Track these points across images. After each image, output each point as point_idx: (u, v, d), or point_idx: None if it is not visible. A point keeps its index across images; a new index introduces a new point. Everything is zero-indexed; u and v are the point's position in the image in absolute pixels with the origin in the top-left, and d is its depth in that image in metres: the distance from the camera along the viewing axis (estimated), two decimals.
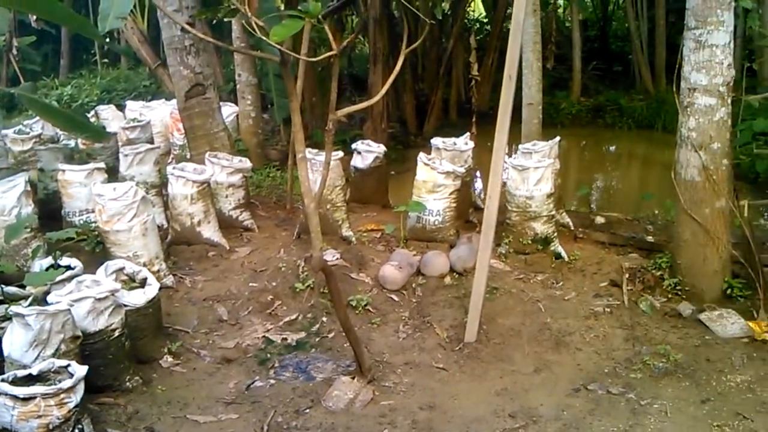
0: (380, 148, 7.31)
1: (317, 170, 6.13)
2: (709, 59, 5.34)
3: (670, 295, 5.81)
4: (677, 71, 5.66)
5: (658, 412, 4.41)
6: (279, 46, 4.85)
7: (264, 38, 4.63)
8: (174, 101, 8.38)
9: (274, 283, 5.85)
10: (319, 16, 4.87)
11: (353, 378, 4.71)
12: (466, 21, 15.37)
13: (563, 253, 6.31)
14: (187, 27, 6.31)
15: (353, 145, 7.42)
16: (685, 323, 5.48)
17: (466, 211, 7.14)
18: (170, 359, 5.03)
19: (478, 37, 16.02)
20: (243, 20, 4.90)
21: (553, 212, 6.36)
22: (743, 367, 4.91)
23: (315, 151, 6.49)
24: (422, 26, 5.73)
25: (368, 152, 7.25)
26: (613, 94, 15.04)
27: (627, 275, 5.95)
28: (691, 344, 5.19)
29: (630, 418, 4.35)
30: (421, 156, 6.44)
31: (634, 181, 11.50)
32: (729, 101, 5.50)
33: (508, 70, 4.98)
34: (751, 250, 5.71)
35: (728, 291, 5.74)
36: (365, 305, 5.57)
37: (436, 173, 6.28)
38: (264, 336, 5.33)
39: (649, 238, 6.77)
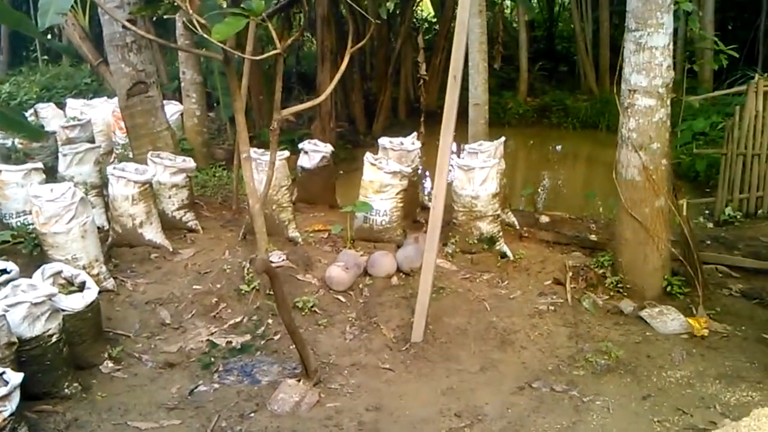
0: (327, 148, 7.27)
1: (263, 170, 6.06)
2: (649, 61, 5.45)
3: (612, 293, 5.93)
4: (618, 73, 5.76)
5: (600, 409, 4.47)
6: (222, 45, 4.77)
7: (206, 36, 4.55)
8: (116, 99, 8.19)
9: (218, 286, 5.76)
10: (264, 15, 4.81)
11: (299, 381, 4.65)
12: (414, 20, 15.44)
13: (509, 253, 6.38)
14: (127, 24, 6.17)
15: (300, 145, 7.36)
16: (627, 320, 5.59)
17: (414, 210, 7.15)
18: (111, 365, 4.90)
19: (426, 37, 16.13)
20: (184, 18, 4.80)
21: (499, 212, 6.42)
22: (683, 362, 5.03)
23: (260, 150, 6.41)
24: (369, 25, 5.72)
25: (315, 152, 7.20)
26: (558, 94, 15.33)
27: (570, 273, 6.04)
28: (632, 341, 5.29)
29: (573, 415, 4.40)
30: (368, 156, 6.42)
31: (578, 181, 11.72)
32: (668, 102, 5.62)
33: (453, 72, 5.00)
34: (690, 248, 5.86)
35: (668, 288, 5.88)
36: (312, 307, 5.53)
37: (382, 173, 6.27)
38: (208, 339, 5.24)
39: (593, 237, 6.90)
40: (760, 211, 8.32)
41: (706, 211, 8.73)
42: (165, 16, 4.96)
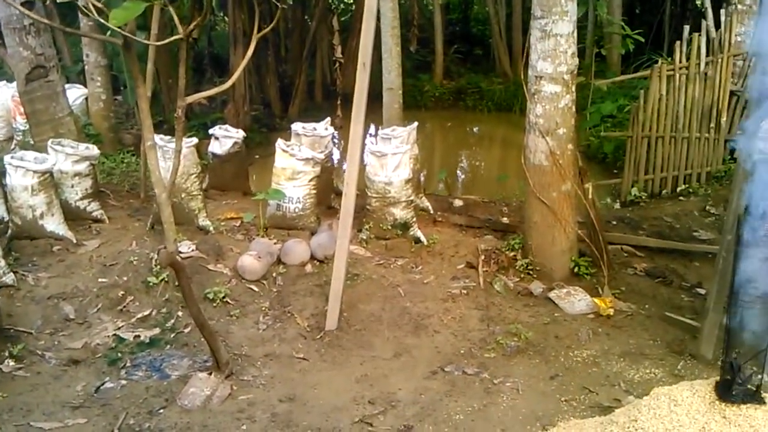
0: (239, 134, 7.11)
1: (170, 158, 5.88)
2: (554, 48, 5.55)
3: (522, 275, 6.06)
4: (525, 59, 5.85)
5: (510, 390, 4.58)
6: (121, 30, 4.58)
7: (103, 22, 4.35)
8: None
9: (125, 278, 5.57)
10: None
11: (210, 374, 4.58)
12: (329, 1, 15.26)
13: (422, 238, 6.42)
14: (21, 8, 5.84)
15: (211, 131, 7.17)
16: (537, 302, 5.74)
17: (328, 197, 7.11)
18: (12, 363, 4.69)
19: (342, 18, 15.98)
20: (81, 2, 4.57)
21: (412, 197, 6.45)
22: (589, 342, 5.20)
23: (167, 137, 6.21)
24: (283, 4, 5.59)
25: (227, 137, 7.03)
26: (474, 77, 15.48)
27: (482, 257, 6.14)
28: (541, 322, 5.43)
29: (484, 398, 4.49)
30: (279, 142, 6.32)
31: (493, 163, 11.91)
32: (573, 89, 5.75)
33: (362, 58, 4.96)
34: (595, 230, 6.04)
35: (575, 269, 6.06)
36: (223, 297, 5.43)
37: (295, 160, 6.19)
38: (115, 334, 5.08)
39: (504, 220, 7.03)
40: (664, 191, 8.66)
41: (614, 192, 9.03)
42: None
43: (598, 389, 4.58)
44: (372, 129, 6.95)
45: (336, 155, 8.32)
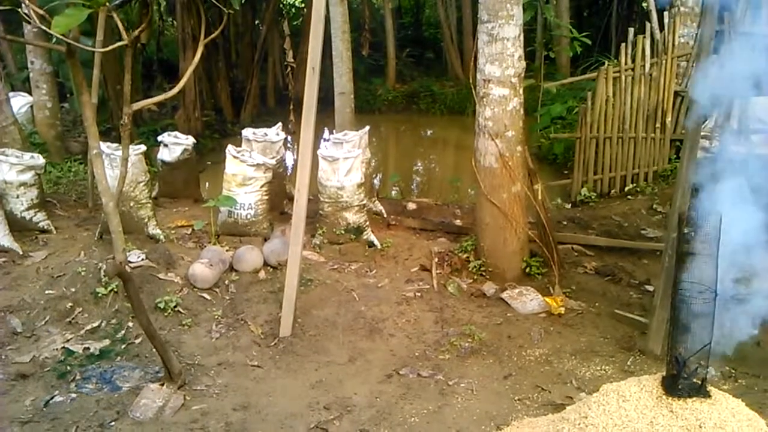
0: (189, 140, 7.02)
1: (118, 166, 5.77)
2: (501, 52, 5.62)
3: (475, 276, 6.11)
4: (473, 63, 5.91)
5: (464, 391, 4.61)
6: (64, 37, 4.49)
7: (45, 29, 4.26)
8: None
9: (73, 289, 5.45)
10: (111, 5, 4.57)
11: (162, 384, 4.50)
12: (281, 6, 15.21)
13: (376, 242, 6.43)
14: None
15: (159, 138, 7.07)
16: (489, 302, 5.79)
17: (281, 202, 7.07)
18: None
19: (294, 23, 15.95)
20: (24, 10, 4.46)
21: (365, 201, 6.45)
22: (541, 341, 5.27)
23: (114, 145, 6.10)
24: (230, 9, 5.53)
25: (176, 144, 6.94)
26: (426, 80, 15.61)
27: (436, 259, 6.18)
28: (494, 322, 5.48)
29: (439, 399, 4.51)
30: (230, 148, 6.26)
31: (446, 166, 12.00)
32: (521, 91, 5.82)
33: (311, 62, 4.97)
34: (546, 231, 6.13)
35: (527, 269, 6.14)
36: (174, 306, 5.35)
37: (245, 166, 6.14)
38: (63, 347, 4.96)
39: (457, 222, 7.08)
40: (612, 190, 8.82)
41: (565, 192, 9.17)
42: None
43: (550, 387, 4.65)
44: (326, 133, 6.94)
45: (289, 160, 8.29)
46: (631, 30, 8.97)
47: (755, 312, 4.12)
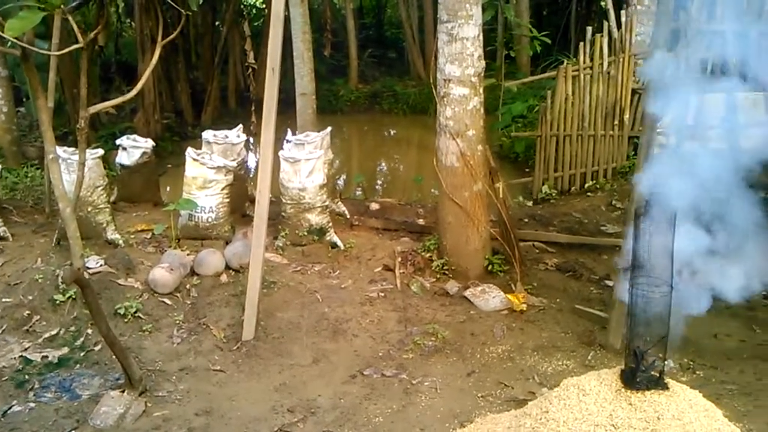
0: (148, 143, 6.92)
1: (74, 170, 5.67)
2: (461, 52, 5.65)
3: (438, 275, 6.14)
4: (434, 63, 5.94)
5: (428, 389, 4.63)
6: (18, 40, 4.39)
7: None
8: None
9: (30, 297, 5.34)
10: (66, 8, 4.49)
11: (123, 391, 4.44)
12: (241, 7, 15.10)
13: (339, 242, 6.42)
14: None
15: (117, 141, 6.96)
16: (453, 301, 5.82)
17: (243, 205, 7.01)
18: None
19: (255, 24, 15.85)
20: None
21: (328, 202, 6.43)
22: (504, 337, 5.32)
23: (71, 149, 5.99)
24: (187, 11, 5.46)
25: (135, 148, 6.83)
26: (388, 80, 15.63)
27: (399, 259, 6.19)
28: (457, 320, 5.51)
29: (403, 398, 4.53)
30: (189, 151, 6.19)
31: (409, 166, 12.03)
32: (481, 91, 5.86)
33: (270, 63, 4.95)
34: (507, 228, 6.18)
35: (489, 267, 6.18)
36: (135, 312, 5.27)
37: (206, 168, 6.08)
38: (21, 355, 4.86)
39: (420, 222, 7.11)
40: (573, 188, 8.93)
41: (526, 190, 9.25)
42: None
43: (513, 383, 4.69)
44: (289, 135, 6.90)
45: (251, 162, 8.24)
46: (590, 29, 9.09)
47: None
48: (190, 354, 5.01)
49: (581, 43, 8.68)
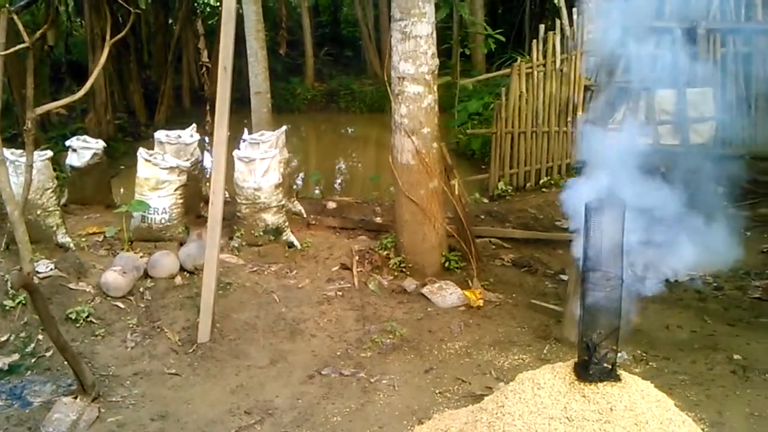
0: (98, 144, 6.79)
1: (23, 173, 5.53)
2: (414, 49, 5.66)
3: (396, 273, 6.15)
4: (388, 61, 5.94)
5: (386, 387, 4.63)
6: None
7: None
8: None
9: None
10: (13, 8, 4.38)
11: (75, 398, 4.35)
12: (194, 4, 14.90)
13: (296, 242, 6.38)
14: None
15: (68, 143, 6.80)
16: (410, 298, 5.84)
17: (197, 205, 6.92)
18: None
19: (209, 22, 15.66)
20: None
21: (284, 202, 6.39)
22: (461, 333, 5.35)
23: (19, 151, 5.83)
24: (136, 9, 5.38)
25: (85, 149, 6.68)
26: (345, 79, 15.62)
27: (357, 258, 6.18)
28: (415, 318, 5.53)
29: (361, 397, 4.52)
30: (141, 151, 6.09)
31: (366, 164, 12.03)
32: (435, 88, 5.88)
33: (222, 62, 4.90)
34: (463, 225, 6.22)
35: (446, 264, 6.21)
36: (87, 317, 5.16)
37: (158, 169, 5.98)
38: None
39: (378, 220, 7.11)
40: (528, 184, 9.05)
41: (483, 187, 9.32)
42: None
43: (470, 379, 4.72)
44: (245, 134, 6.84)
45: (206, 162, 8.14)
46: (542, 26, 9.20)
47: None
48: (145, 358, 4.93)
49: (534, 41, 8.78)
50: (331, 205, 7.48)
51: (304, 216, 7.07)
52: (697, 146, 8.72)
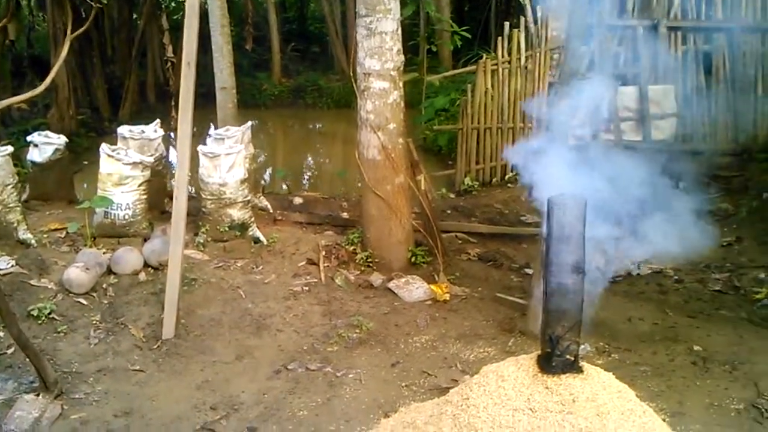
0: (60, 139, 6.69)
1: None
2: (380, 45, 5.68)
3: (363, 268, 6.16)
4: (354, 57, 5.95)
5: (353, 381, 4.64)
6: None
7: None
8: None
9: None
10: None
11: (38, 395, 4.29)
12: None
13: (262, 237, 6.36)
14: None
15: (29, 138, 6.70)
16: (377, 293, 5.86)
17: (162, 201, 6.86)
18: None
19: (174, 17, 15.48)
20: None
21: (249, 197, 6.37)
22: (427, 327, 5.38)
23: None
24: (98, 4, 5.30)
25: (47, 144, 6.59)
26: (312, 74, 15.57)
27: (323, 253, 6.18)
28: (381, 312, 5.55)
29: (327, 391, 4.52)
30: (104, 147, 6.02)
31: (334, 160, 12.03)
32: (401, 84, 5.91)
33: (186, 57, 4.86)
34: (430, 220, 6.26)
35: (413, 259, 6.25)
36: (49, 313, 5.08)
37: (121, 165, 5.92)
38: None
39: (344, 215, 7.12)
40: (494, 179, 9.13)
41: (450, 183, 9.38)
42: None
43: (436, 372, 4.75)
44: (212, 129, 6.79)
45: (172, 157, 8.06)
46: (507, 24, 9.27)
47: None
48: (108, 354, 4.87)
49: (499, 38, 8.85)
50: (298, 200, 7.48)
51: (271, 211, 7.05)
52: (659, 142, 8.88)
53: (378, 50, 5.67)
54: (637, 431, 3.22)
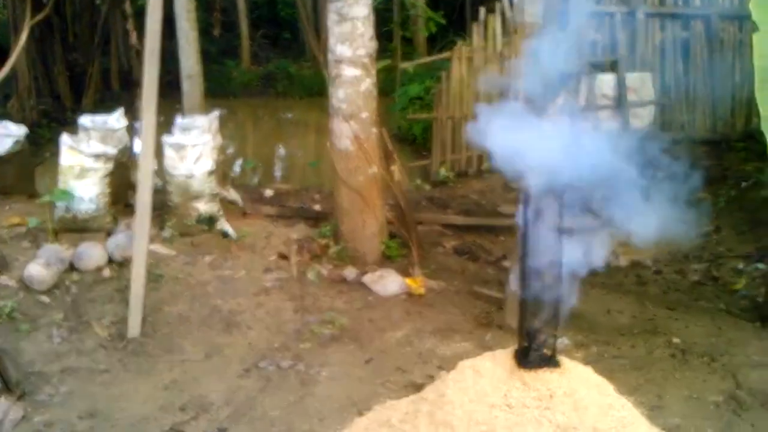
0: (21, 130, 6.47)
1: None
2: (351, 32, 5.54)
3: (336, 262, 6.04)
4: (325, 44, 5.80)
5: (326, 379, 4.53)
6: None
7: None
8: None
9: None
10: None
11: None
12: None
13: (231, 231, 6.19)
14: None
15: None
16: (350, 287, 5.74)
17: (126, 194, 6.64)
18: None
19: (139, 2, 15.12)
20: None
21: (217, 190, 6.20)
22: (402, 322, 5.29)
23: None
24: None
25: (6, 136, 6.36)
26: (283, 62, 15.33)
27: (295, 247, 6.05)
28: (355, 307, 5.44)
29: (300, 390, 4.41)
30: (64, 138, 5.80)
31: (306, 150, 11.86)
32: (373, 72, 5.77)
33: (149, 44, 4.70)
34: (404, 212, 6.14)
35: (387, 252, 6.14)
36: (9, 312, 4.89)
37: (83, 156, 5.71)
38: None
39: (316, 207, 6.99)
40: (470, 169, 9.04)
41: (425, 173, 9.26)
42: None
43: (411, 368, 4.66)
44: (178, 119, 6.60)
45: (137, 148, 7.83)
46: (482, 9, 9.15)
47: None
48: (72, 354, 4.70)
49: (474, 24, 8.73)
50: (269, 192, 7.33)
51: (240, 204, 6.89)
52: (637, 130, 8.85)
53: (350, 36, 5.52)
54: (616, 425, 3.18)
